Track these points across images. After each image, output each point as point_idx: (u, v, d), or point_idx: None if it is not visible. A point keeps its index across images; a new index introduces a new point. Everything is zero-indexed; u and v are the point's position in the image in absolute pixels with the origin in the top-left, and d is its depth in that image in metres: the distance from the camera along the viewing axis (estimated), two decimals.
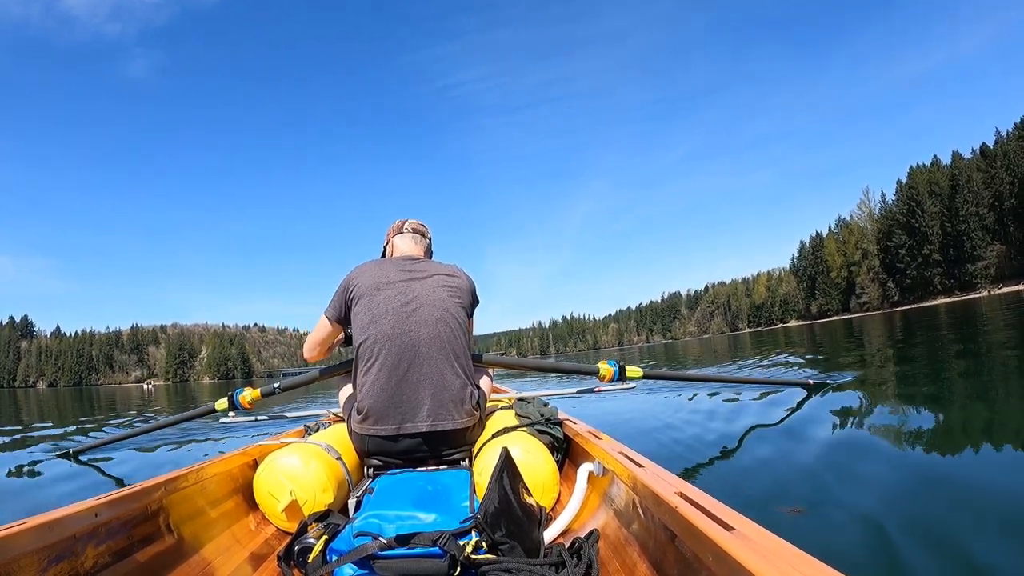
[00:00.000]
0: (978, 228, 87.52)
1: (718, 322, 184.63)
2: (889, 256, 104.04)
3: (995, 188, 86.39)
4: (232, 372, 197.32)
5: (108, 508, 1.49)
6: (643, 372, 3.66)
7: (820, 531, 2.01)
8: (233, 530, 2.00)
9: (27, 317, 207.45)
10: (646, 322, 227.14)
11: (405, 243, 2.58)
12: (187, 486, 1.90)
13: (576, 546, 1.50)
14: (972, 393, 4.50)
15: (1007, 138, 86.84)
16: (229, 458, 2.29)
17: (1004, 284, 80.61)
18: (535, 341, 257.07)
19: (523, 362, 3.99)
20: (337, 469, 2.22)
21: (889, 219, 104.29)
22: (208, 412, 3.94)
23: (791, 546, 0.91)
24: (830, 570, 0.82)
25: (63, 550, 1.32)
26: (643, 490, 1.41)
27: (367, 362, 2.19)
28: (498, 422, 2.42)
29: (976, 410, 3.75)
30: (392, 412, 2.13)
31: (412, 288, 2.28)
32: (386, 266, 2.37)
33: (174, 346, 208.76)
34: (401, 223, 2.64)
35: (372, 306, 2.23)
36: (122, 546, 1.51)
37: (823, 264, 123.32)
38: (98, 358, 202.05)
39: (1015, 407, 3.73)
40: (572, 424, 2.49)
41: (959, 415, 3.63)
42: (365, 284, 2.29)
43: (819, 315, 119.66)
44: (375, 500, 1.66)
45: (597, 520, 1.75)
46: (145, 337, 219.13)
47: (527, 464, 2.01)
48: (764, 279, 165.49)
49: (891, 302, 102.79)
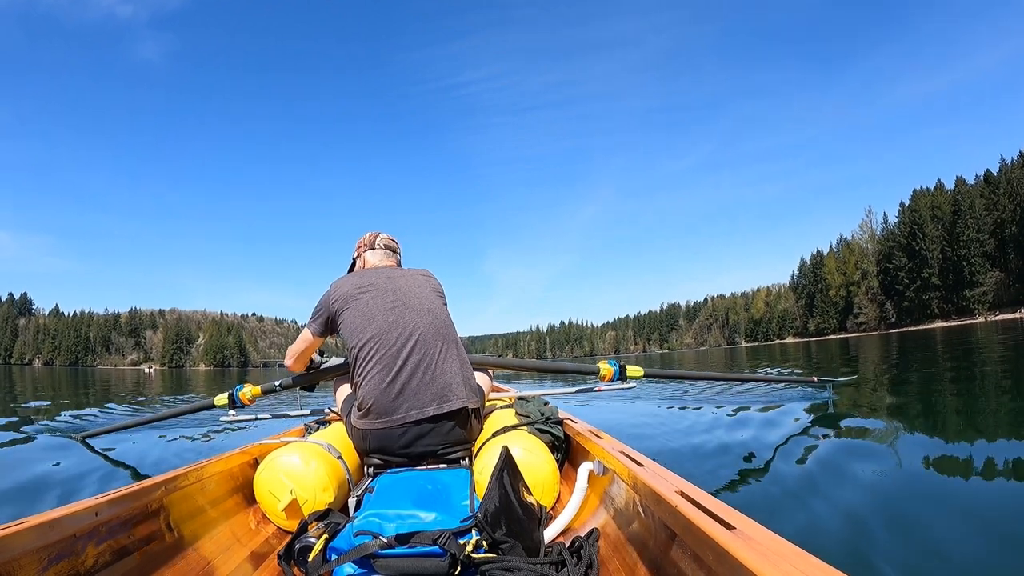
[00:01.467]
0: (978, 254, 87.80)
1: (715, 335, 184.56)
2: (888, 278, 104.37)
3: (997, 215, 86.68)
4: (228, 360, 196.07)
5: (108, 507, 1.49)
6: (644, 372, 3.66)
7: (820, 530, 2.04)
8: (233, 529, 2.02)
9: (26, 295, 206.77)
10: (644, 331, 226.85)
11: (376, 258, 2.65)
12: (187, 485, 1.91)
13: (576, 545, 1.51)
14: (963, 411, 4.56)
15: (1011, 165, 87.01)
16: (229, 457, 2.30)
17: (1001, 311, 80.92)
18: (532, 345, 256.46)
19: (523, 363, 3.97)
20: (338, 468, 2.24)
21: (890, 241, 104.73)
22: (207, 407, 3.95)
23: (792, 545, 0.92)
24: (831, 569, 0.82)
25: (63, 549, 1.33)
26: (643, 489, 1.42)
27: (365, 360, 2.23)
28: (498, 421, 2.45)
29: (968, 429, 3.80)
30: (396, 404, 2.15)
31: (395, 285, 2.37)
32: (365, 275, 2.45)
33: (172, 331, 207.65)
34: (373, 237, 2.71)
35: (360, 308, 2.30)
36: (122, 545, 1.52)
37: (822, 282, 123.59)
38: (95, 339, 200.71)
39: (1006, 427, 3.80)
40: (572, 423, 2.52)
41: (951, 430, 3.68)
42: (348, 292, 2.36)
43: (816, 333, 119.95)
44: (375, 499, 1.67)
45: (597, 519, 1.76)
46: (143, 321, 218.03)
47: (527, 463, 2.02)
48: (763, 294, 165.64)
49: (888, 323, 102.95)
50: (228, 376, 45.25)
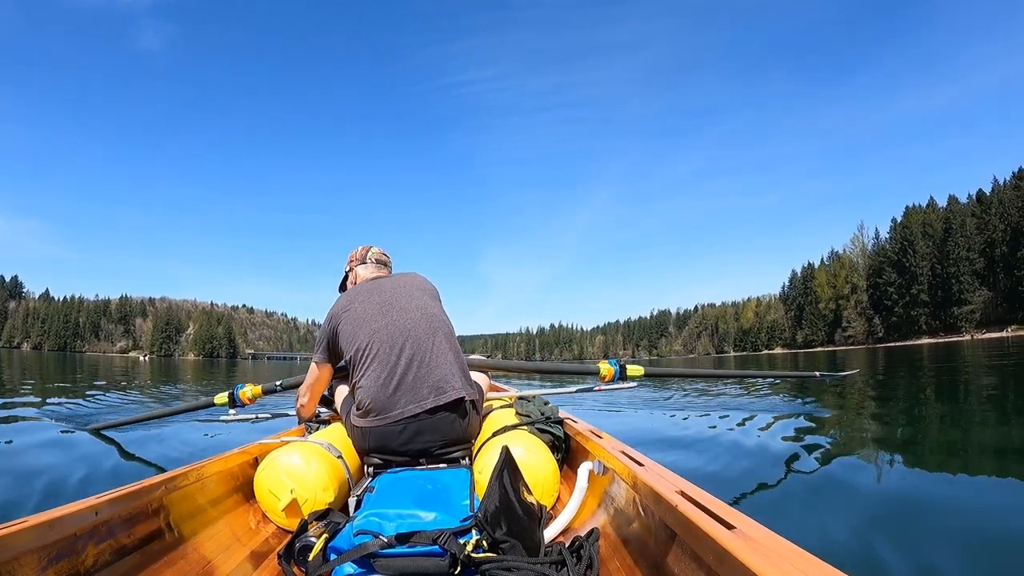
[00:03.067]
0: (967, 272, 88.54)
1: (704, 343, 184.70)
2: (877, 292, 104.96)
3: (988, 235, 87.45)
4: (217, 351, 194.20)
5: (108, 506, 1.49)
6: (644, 371, 3.66)
7: (821, 530, 2.06)
8: (233, 528, 2.01)
9: (17, 278, 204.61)
10: (633, 337, 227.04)
11: (367, 271, 2.70)
12: (187, 484, 1.90)
13: (576, 545, 1.51)
14: (947, 422, 4.65)
15: (1004, 186, 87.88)
16: (229, 456, 2.29)
17: (988, 330, 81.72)
18: (522, 347, 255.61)
19: (523, 365, 3.97)
20: (338, 468, 2.24)
21: (881, 256, 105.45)
22: (207, 405, 3.96)
23: (792, 545, 0.93)
24: (831, 569, 0.83)
25: (63, 548, 1.32)
26: (644, 489, 1.43)
27: (363, 361, 2.26)
28: (498, 420, 2.45)
29: (951, 439, 3.88)
30: (394, 400, 2.18)
31: (382, 290, 2.43)
32: (354, 290, 2.50)
33: (161, 320, 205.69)
34: (364, 251, 2.75)
35: (354, 315, 2.35)
36: (122, 544, 1.51)
37: (812, 295, 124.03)
38: (85, 325, 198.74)
39: (990, 439, 3.88)
40: (573, 423, 2.53)
41: (947, 438, 3.75)
42: (340, 308, 2.41)
43: (804, 345, 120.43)
44: (375, 498, 1.67)
45: (597, 519, 1.77)
46: (133, 308, 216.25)
47: (527, 463, 2.03)
48: (753, 304, 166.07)
49: (875, 338, 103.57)
50: (217, 366, 44.88)
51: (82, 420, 5.74)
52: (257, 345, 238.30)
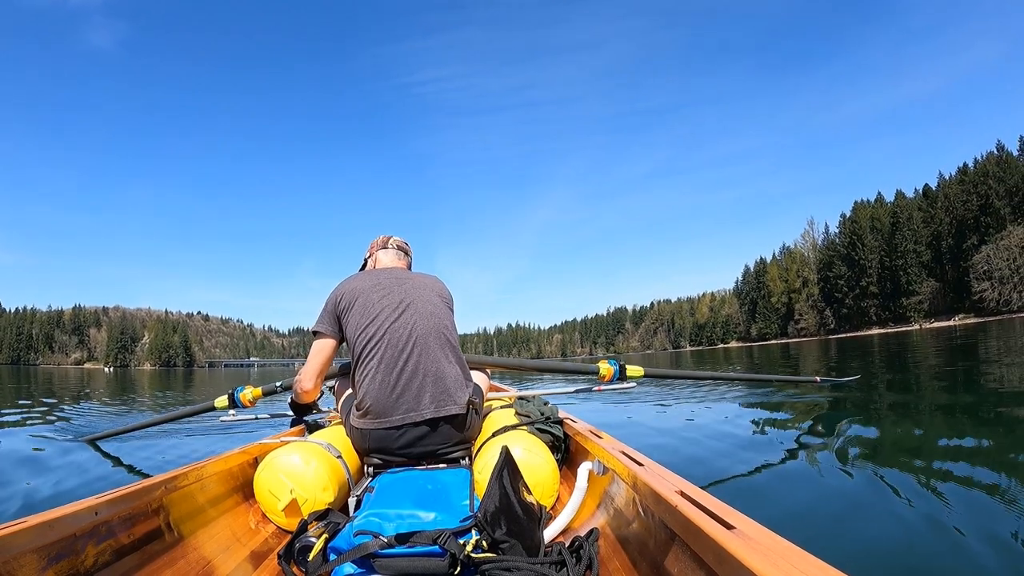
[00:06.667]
0: (915, 264, 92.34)
1: (661, 339, 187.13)
2: (828, 286, 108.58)
3: (934, 228, 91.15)
4: (174, 360, 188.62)
5: (108, 506, 1.48)
6: (644, 371, 3.68)
7: (821, 530, 2.13)
8: (233, 528, 2.01)
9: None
10: (590, 334, 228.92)
11: (388, 257, 2.72)
12: (187, 484, 1.90)
13: (576, 545, 1.52)
14: (902, 411, 4.84)
15: (949, 180, 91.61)
16: (229, 456, 2.28)
17: (936, 319, 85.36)
18: (479, 347, 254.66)
19: (522, 363, 3.96)
20: (338, 468, 2.24)
21: (831, 250, 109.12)
22: (208, 409, 3.93)
23: (792, 545, 0.93)
24: (831, 569, 0.84)
25: (63, 548, 1.32)
26: (643, 489, 1.44)
27: (366, 359, 2.26)
28: (498, 421, 2.46)
29: (906, 427, 4.05)
30: (394, 404, 2.18)
31: (403, 288, 2.40)
32: (373, 274, 2.49)
33: (116, 330, 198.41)
34: (386, 239, 2.78)
35: (366, 307, 2.33)
36: (122, 544, 1.51)
37: (765, 289, 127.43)
38: (38, 337, 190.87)
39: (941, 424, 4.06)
40: (572, 423, 2.55)
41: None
42: (356, 290, 2.38)
43: (759, 338, 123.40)
44: (375, 499, 1.67)
45: (597, 519, 1.79)
46: (87, 318, 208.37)
47: (527, 463, 2.05)
48: (708, 299, 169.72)
49: (827, 329, 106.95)
50: (174, 376, 43.67)
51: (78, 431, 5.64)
52: (213, 353, 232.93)
